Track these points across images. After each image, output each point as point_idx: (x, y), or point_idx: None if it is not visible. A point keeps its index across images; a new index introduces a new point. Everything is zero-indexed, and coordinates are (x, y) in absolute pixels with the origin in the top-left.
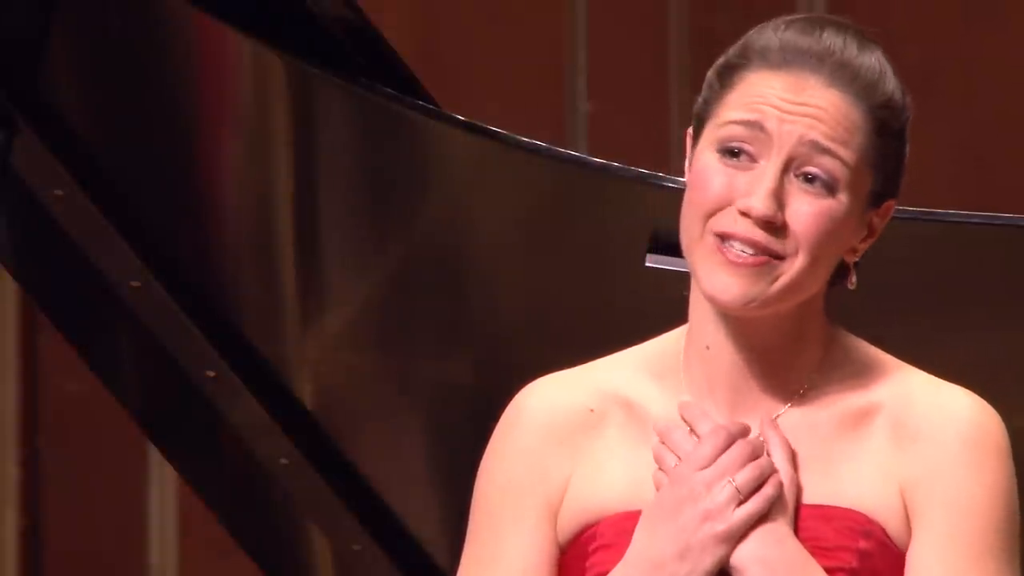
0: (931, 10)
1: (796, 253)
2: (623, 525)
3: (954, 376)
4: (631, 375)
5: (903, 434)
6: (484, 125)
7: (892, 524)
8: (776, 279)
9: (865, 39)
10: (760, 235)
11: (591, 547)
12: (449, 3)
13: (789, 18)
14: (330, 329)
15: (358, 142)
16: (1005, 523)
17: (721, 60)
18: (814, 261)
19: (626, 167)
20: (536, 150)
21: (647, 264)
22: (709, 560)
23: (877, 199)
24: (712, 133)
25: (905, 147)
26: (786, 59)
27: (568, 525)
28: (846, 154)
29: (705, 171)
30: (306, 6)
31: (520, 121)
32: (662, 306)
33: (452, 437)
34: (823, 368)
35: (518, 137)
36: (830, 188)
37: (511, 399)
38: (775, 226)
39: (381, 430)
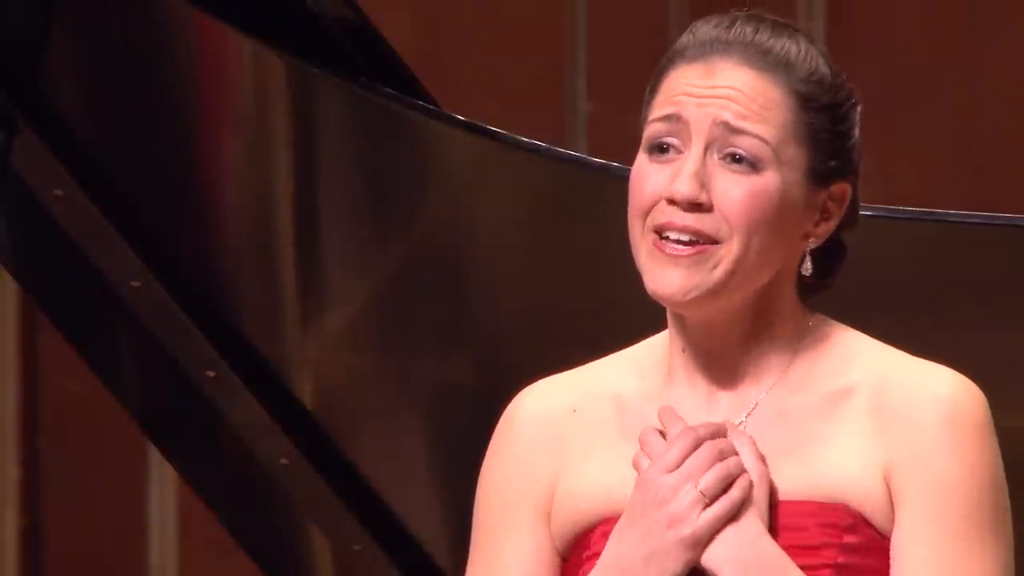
0: (933, 18)
1: (731, 236)
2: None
3: None
4: (619, 373)
5: (882, 416)
6: (484, 125)
7: (877, 512)
8: (716, 266)
9: (783, 27)
10: (691, 219)
11: (584, 555)
12: (449, 3)
13: (706, 17)
14: (330, 329)
15: (358, 142)
16: (988, 503)
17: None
18: (750, 242)
19: (626, 167)
20: (536, 150)
21: None
22: (675, 565)
23: (822, 178)
24: (643, 138)
25: (846, 125)
26: (699, 51)
27: (562, 530)
28: (764, 131)
29: (637, 172)
30: (306, 6)
31: (520, 121)
32: (660, 306)
33: (452, 437)
34: (801, 354)
35: (518, 137)
36: (753, 165)
37: (511, 399)
38: (704, 208)
39: (381, 430)
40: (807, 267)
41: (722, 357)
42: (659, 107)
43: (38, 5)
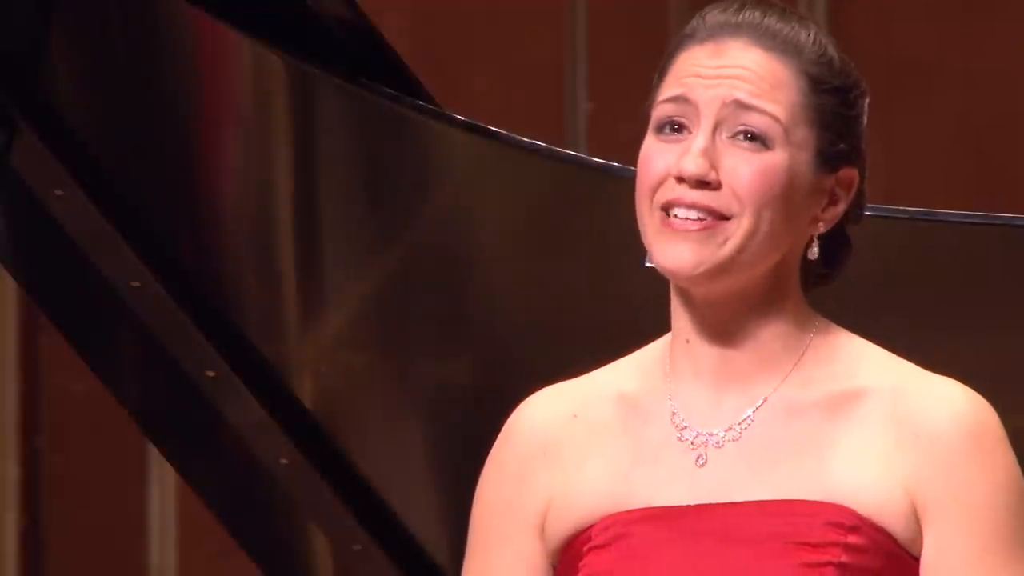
0: (934, 5)
1: (741, 212)
2: (616, 529)
3: (954, 376)
4: (621, 375)
5: (902, 429)
6: (484, 125)
7: (893, 522)
8: (725, 241)
9: (791, 13)
10: (698, 196)
11: (584, 548)
12: (449, 3)
13: (714, 3)
14: (330, 329)
15: (358, 142)
16: (1020, 515)
17: None
18: (761, 217)
19: (626, 167)
20: (536, 150)
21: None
22: None
23: (830, 161)
24: (651, 119)
25: (855, 111)
26: (708, 33)
27: (562, 532)
28: (775, 109)
29: (645, 152)
30: (306, 6)
31: (520, 121)
32: (661, 306)
33: (452, 437)
34: (808, 352)
35: (518, 137)
36: (764, 143)
37: (511, 399)
38: (711, 186)
39: (381, 430)
40: (814, 251)
41: (728, 349)
42: (668, 88)
43: (38, 5)
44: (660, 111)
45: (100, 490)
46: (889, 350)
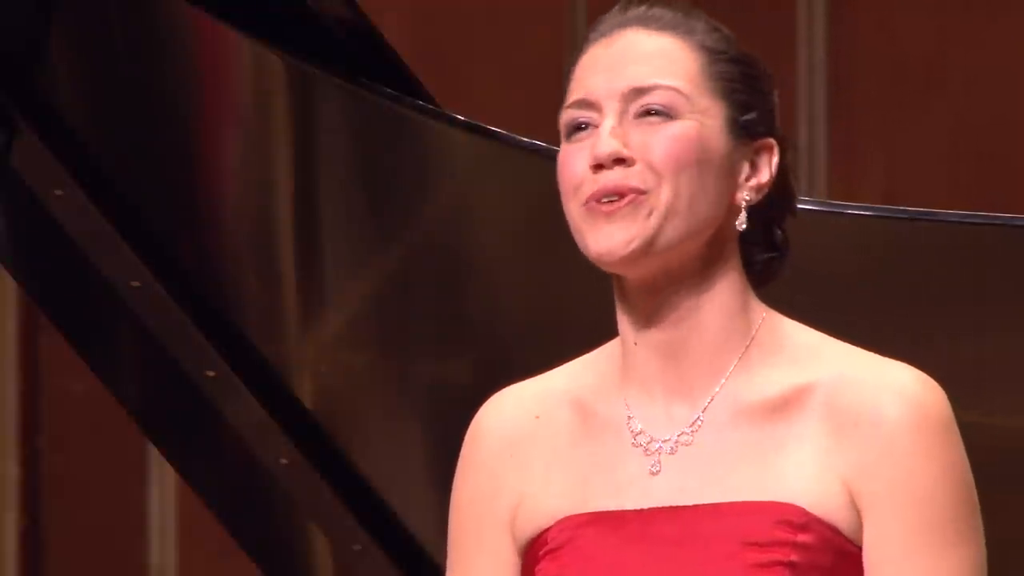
0: (936, 5)
1: (659, 183)
2: (568, 533)
3: (951, 376)
4: (578, 376)
5: (841, 420)
6: (484, 125)
7: (837, 516)
8: (650, 213)
9: (676, 5)
10: (618, 176)
11: (540, 552)
12: (449, 3)
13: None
14: (330, 329)
15: (358, 142)
16: (964, 503)
17: None
18: (678, 184)
19: None
20: (536, 150)
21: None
22: None
23: (745, 129)
24: (561, 128)
25: (760, 84)
26: (599, 33)
27: (523, 532)
28: (672, 81)
29: (562, 159)
30: (306, 6)
31: (520, 120)
32: None
33: (452, 437)
34: (752, 346)
35: (518, 137)
36: (668, 115)
37: None
38: (627, 163)
39: (381, 430)
40: (741, 220)
41: (672, 344)
42: (571, 94)
43: (38, 5)
44: (566, 116)
45: (100, 490)
46: (888, 350)
